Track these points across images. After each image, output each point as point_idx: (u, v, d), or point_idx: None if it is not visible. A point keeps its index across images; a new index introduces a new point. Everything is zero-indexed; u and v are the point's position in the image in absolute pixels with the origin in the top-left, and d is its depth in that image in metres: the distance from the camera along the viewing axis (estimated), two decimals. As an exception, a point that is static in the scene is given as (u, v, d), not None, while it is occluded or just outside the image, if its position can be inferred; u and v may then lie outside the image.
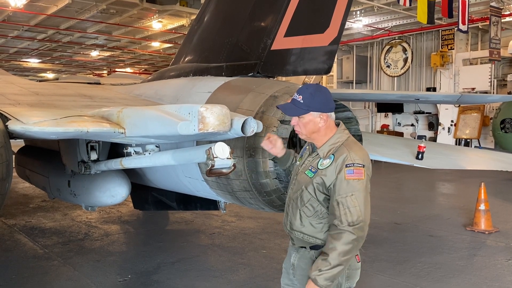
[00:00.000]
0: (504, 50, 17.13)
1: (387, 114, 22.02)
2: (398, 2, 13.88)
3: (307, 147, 2.82)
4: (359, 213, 2.46)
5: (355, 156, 2.54)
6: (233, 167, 2.83)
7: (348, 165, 2.49)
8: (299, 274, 2.73)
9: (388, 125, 21.94)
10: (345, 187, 2.48)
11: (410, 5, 14.17)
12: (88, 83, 6.89)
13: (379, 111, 21.98)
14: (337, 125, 2.71)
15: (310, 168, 2.65)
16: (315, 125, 2.60)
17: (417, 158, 5.04)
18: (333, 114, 2.68)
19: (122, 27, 20.01)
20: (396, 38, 20.91)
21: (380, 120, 22.43)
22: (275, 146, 2.90)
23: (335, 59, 20.87)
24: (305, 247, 2.70)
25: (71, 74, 30.95)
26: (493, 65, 17.80)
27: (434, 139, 19.38)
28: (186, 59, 5.06)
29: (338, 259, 2.45)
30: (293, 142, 3.86)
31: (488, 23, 16.61)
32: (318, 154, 2.66)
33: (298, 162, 2.84)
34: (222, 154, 2.76)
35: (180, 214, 8.33)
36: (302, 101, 2.59)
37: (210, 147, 2.90)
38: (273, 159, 3.00)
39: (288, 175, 3.12)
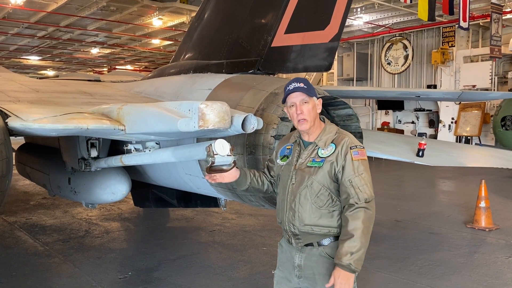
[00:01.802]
0: (505, 47, 17.10)
1: (388, 112, 22.00)
2: (399, -1, 13.86)
3: (293, 145, 2.78)
4: (370, 189, 2.58)
5: (354, 139, 2.69)
6: (233, 164, 2.80)
7: (352, 147, 2.61)
8: (308, 273, 2.67)
9: (389, 123, 21.93)
10: (354, 167, 2.57)
11: (410, 2, 14.15)
12: (88, 80, 6.88)
13: (379, 108, 21.97)
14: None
15: (312, 159, 2.65)
16: (316, 110, 2.68)
17: (417, 155, 5.03)
18: None
19: (122, 24, 19.99)
20: (396, 35, 20.88)
21: (380, 118, 22.41)
22: (223, 176, 2.72)
23: (336, 56, 20.91)
24: (312, 244, 2.66)
25: (71, 72, 30.93)
26: (494, 62, 17.77)
27: (434, 137, 19.37)
28: (186, 56, 5.05)
29: (364, 237, 2.51)
30: None
31: (489, 20, 16.58)
32: (316, 145, 2.68)
33: (282, 162, 2.79)
34: (222, 151, 2.73)
35: (181, 211, 8.34)
36: (306, 87, 2.65)
37: (210, 144, 2.88)
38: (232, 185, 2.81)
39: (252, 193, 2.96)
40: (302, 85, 2.64)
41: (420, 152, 5.02)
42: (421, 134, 19.84)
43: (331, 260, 2.62)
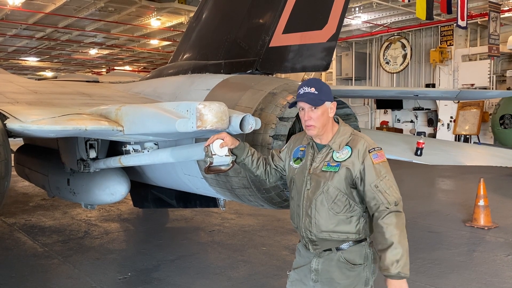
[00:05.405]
0: (503, 45, 17.14)
1: (387, 111, 22.04)
2: (397, -2, 13.88)
3: (306, 146, 2.71)
4: (396, 191, 2.50)
5: (371, 141, 2.59)
6: (231, 164, 2.81)
7: (370, 151, 2.53)
8: (325, 278, 2.63)
9: (388, 122, 21.97)
10: (377, 171, 2.49)
11: (409, 1, 14.19)
12: (87, 81, 6.88)
13: (378, 107, 22.00)
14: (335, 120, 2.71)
15: (327, 163, 2.57)
16: (327, 116, 2.59)
17: (416, 154, 5.03)
18: None
19: (120, 25, 19.99)
20: (395, 34, 20.91)
21: (379, 117, 22.45)
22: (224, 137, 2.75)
23: (334, 56, 20.95)
24: (330, 250, 2.61)
25: (69, 73, 30.92)
26: (492, 61, 17.81)
27: (433, 136, 19.40)
28: (185, 57, 5.05)
29: (403, 241, 2.42)
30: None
31: (487, 18, 16.62)
32: (330, 148, 2.60)
33: (295, 165, 2.72)
34: (220, 151, 2.74)
35: (180, 212, 8.34)
36: (316, 92, 2.54)
37: (209, 144, 2.89)
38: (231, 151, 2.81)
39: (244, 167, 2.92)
40: (313, 90, 2.53)
41: (419, 151, 5.02)
42: (420, 133, 19.87)
43: (349, 265, 2.59)
